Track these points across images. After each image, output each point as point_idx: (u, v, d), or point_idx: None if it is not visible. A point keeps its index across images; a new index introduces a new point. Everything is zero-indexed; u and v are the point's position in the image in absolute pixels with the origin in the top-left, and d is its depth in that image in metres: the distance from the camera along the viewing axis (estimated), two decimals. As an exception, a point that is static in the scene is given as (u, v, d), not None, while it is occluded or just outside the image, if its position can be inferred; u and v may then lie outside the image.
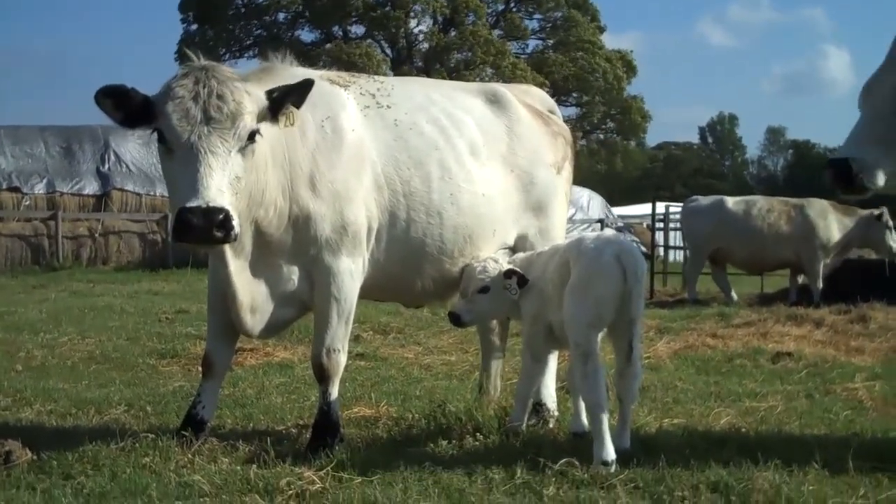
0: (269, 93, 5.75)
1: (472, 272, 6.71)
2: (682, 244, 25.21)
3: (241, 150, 5.51)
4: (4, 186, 29.32)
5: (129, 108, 5.59)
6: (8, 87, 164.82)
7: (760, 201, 19.54)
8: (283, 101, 5.76)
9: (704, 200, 20.18)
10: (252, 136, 5.56)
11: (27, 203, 29.28)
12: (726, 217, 19.05)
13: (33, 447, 5.90)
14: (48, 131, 31.63)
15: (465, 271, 6.81)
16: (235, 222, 5.27)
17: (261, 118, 5.67)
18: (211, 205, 5.19)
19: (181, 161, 5.40)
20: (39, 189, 29.54)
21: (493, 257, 6.84)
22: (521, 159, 7.24)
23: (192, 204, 5.17)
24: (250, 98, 5.61)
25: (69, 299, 17.84)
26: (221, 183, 5.33)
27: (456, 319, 6.76)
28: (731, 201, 19.47)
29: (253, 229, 5.97)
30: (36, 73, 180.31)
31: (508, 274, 6.57)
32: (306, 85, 5.82)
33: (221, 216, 5.19)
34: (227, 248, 5.81)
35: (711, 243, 19.30)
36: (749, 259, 19.38)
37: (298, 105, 5.84)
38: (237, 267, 5.97)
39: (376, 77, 7.18)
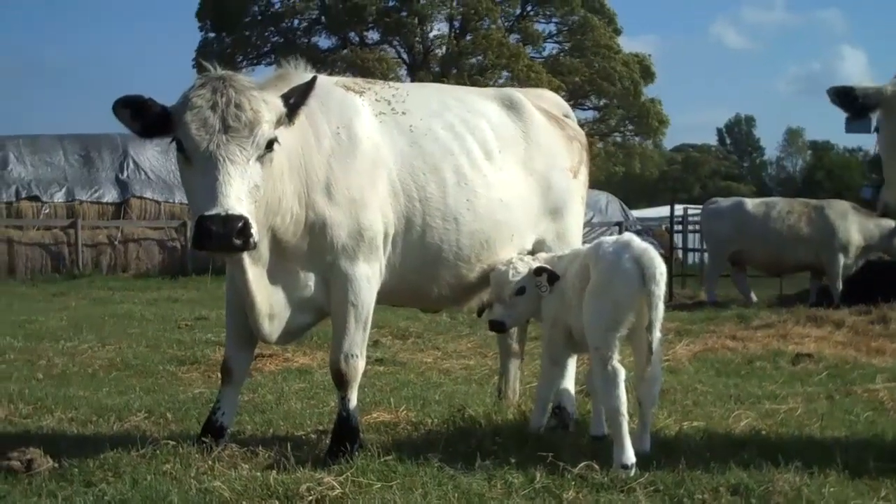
0: (286, 97, 5.78)
1: (505, 276, 6.69)
2: (700, 246, 25.17)
3: (260, 159, 5.53)
4: (24, 195, 29.45)
5: (146, 118, 5.63)
6: (26, 97, 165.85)
7: (780, 203, 19.48)
8: (299, 105, 5.80)
9: (724, 202, 20.14)
10: (270, 145, 5.58)
11: (47, 211, 29.40)
12: (746, 219, 19.00)
13: (55, 455, 5.94)
14: (67, 140, 31.76)
15: (494, 276, 6.78)
16: (254, 230, 5.29)
17: (279, 124, 5.69)
18: (230, 213, 5.22)
19: (200, 170, 5.42)
20: (59, 197, 29.66)
21: (519, 257, 6.83)
22: (537, 164, 7.24)
23: (212, 212, 5.20)
24: (268, 106, 5.63)
25: (89, 307, 17.91)
26: (240, 191, 5.35)
27: (500, 326, 6.78)
28: (750, 203, 19.42)
29: (270, 237, 5.99)
30: (54, 83, 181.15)
31: (538, 271, 6.58)
32: (311, 83, 5.87)
33: (241, 224, 5.21)
34: (246, 256, 5.83)
35: (731, 245, 19.24)
36: (769, 261, 19.31)
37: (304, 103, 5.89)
38: (255, 274, 5.98)
39: (391, 83, 7.19)
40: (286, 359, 10.64)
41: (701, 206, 22.72)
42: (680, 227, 29.62)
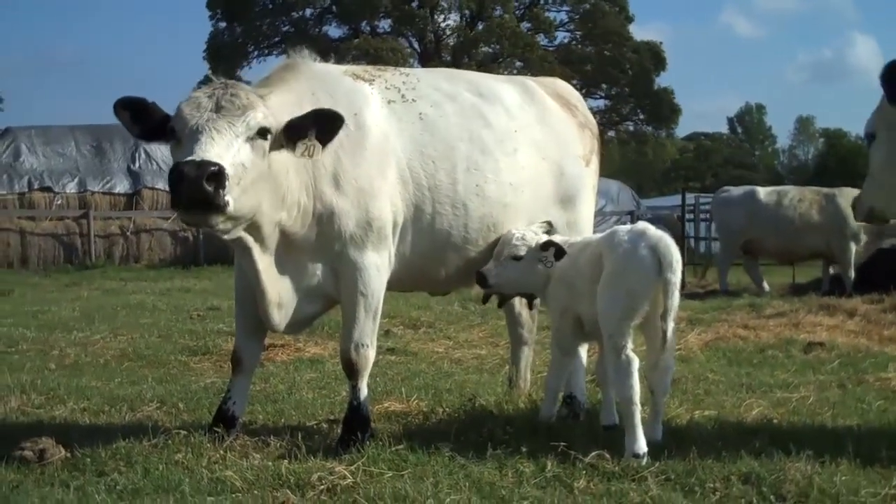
0: (290, 121, 5.76)
1: (510, 238, 6.69)
2: (712, 235, 25.11)
3: (250, 142, 5.50)
4: (36, 186, 29.59)
5: (147, 122, 5.68)
6: (38, 88, 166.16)
7: (792, 191, 19.42)
8: (300, 130, 5.74)
9: (736, 191, 20.07)
10: (263, 133, 5.56)
11: (59, 202, 29.53)
12: (758, 207, 18.93)
13: (67, 445, 5.96)
14: (78, 131, 31.87)
15: (504, 235, 6.78)
16: (230, 189, 5.23)
17: (276, 138, 5.68)
18: (205, 158, 5.20)
19: (186, 143, 5.40)
20: (71, 188, 29.78)
21: (533, 228, 6.81)
22: (550, 150, 7.22)
23: (187, 158, 5.20)
24: (266, 107, 5.66)
25: (102, 297, 17.97)
26: (221, 152, 5.31)
27: (482, 280, 6.73)
28: (762, 191, 19.35)
29: (277, 229, 5.99)
30: (66, 74, 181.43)
31: (546, 245, 6.55)
32: (335, 119, 5.79)
33: (215, 169, 5.15)
34: (254, 246, 5.86)
35: (743, 234, 19.18)
36: (781, 249, 19.24)
37: (324, 141, 5.80)
38: (265, 264, 5.99)
39: (402, 69, 7.16)
40: (298, 349, 10.65)
41: (712, 195, 22.67)
42: (692, 216, 29.60)
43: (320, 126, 5.75)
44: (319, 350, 10.67)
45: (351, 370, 6.31)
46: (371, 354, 6.37)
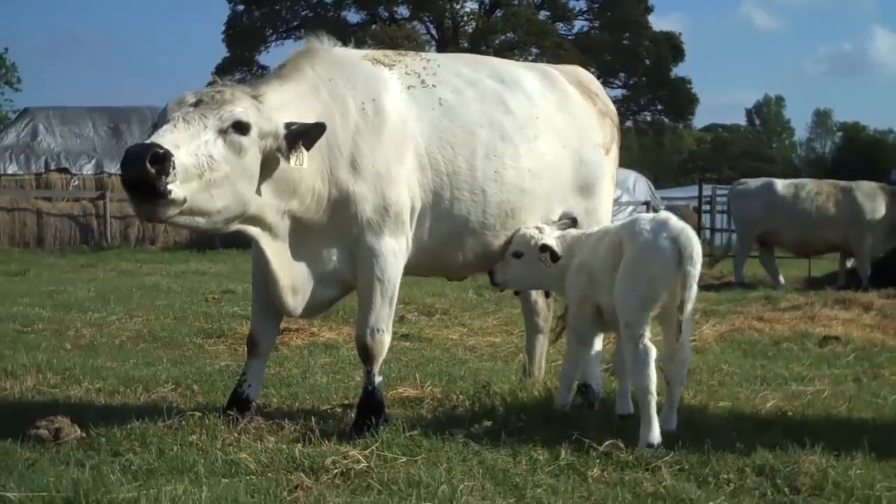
0: (288, 125, 5.75)
1: (513, 236, 6.80)
2: (728, 227, 25.00)
3: (223, 135, 5.48)
4: (53, 167, 29.72)
5: None
6: (56, 69, 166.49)
7: (809, 184, 19.30)
8: (296, 139, 5.74)
9: (753, 183, 19.95)
10: (241, 128, 5.53)
11: (76, 183, 29.65)
12: (775, 200, 18.84)
13: (82, 424, 5.99)
14: (96, 112, 31.99)
15: (516, 233, 6.85)
16: (182, 178, 5.20)
17: (268, 138, 5.67)
18: (154, 141, 5.20)
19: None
20: (88, 169, 29.90)
21: (539, 227, 6.82)
22: (570, 138, 7.19)
23: (138, 141, 5.23)
24: (255, 109, 5.66)
25: (117, 279, 18.01)
26: (180, 140, 5.29)
27: (490, 276, 6.89)
28: (780, 184, 19.23)
29: (289, 217, 6.02)
30: (84, 56, 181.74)
31: (543, 248, 6.59)
32: (320, 128, 5.80)
33: (160, 151, 5.12)
34: (262, 234, 5.92)
35: (760, 226, 19.09)
36: (798, 242, 19.14)
37: (308, 146, 5.79)
38: (275, 251, 6.02)
39: (423, 55, 7.13)
40: (312, 333, 10.67)
41: (729, 187, 22.56)
42: (708, 208, 29.50)
43: (306, 134, 5.77)
44: (334, 335, 10.68)
45: (366, 355, 6.32)
46: (386, 340, 6.37)
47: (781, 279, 18.73)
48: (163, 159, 5.10)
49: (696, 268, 5.83)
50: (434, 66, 6.85)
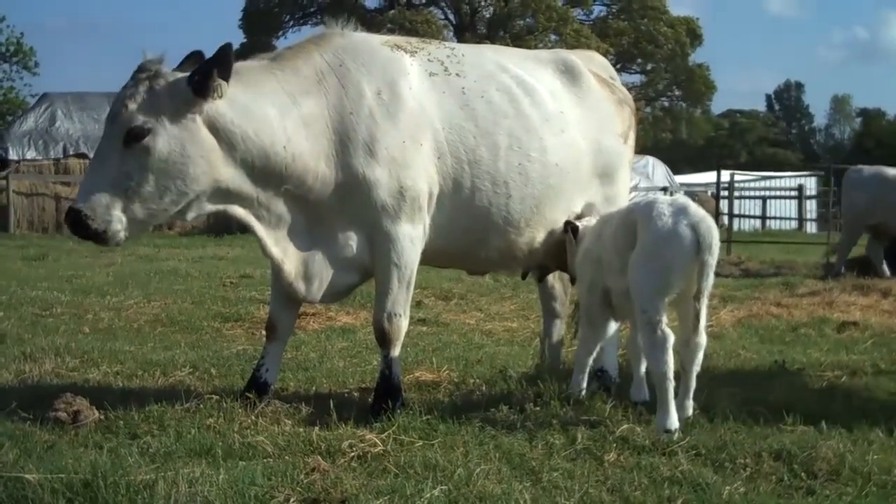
0: (190, 78, 5.73)
1: None
2: (744, 212, 24.64)
3: (126, 145, 5.66)
4: (71, 152, 29.75)
5: None
6: (74, 54, 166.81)
7: None
8: (205, 80, 5.70)
9: (867, 171, 18.46)
10: (136, 135, 5.64)
11: (94, 168, 29.61)
12: (886, 187, 17.61)
13: (101, 407, 6.01)
14: (114, 97, 31.94)
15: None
16: (100, 214, 5.63)
17: (174, 110, 5.71)
18: (73, 203, 5.68)
19: None
20: (106, 155, 29.86)
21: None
22: (591, 129, 7.15)
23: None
24: (143, 99, 5.73)
25: (135, 263, 18.07)
26: (95, 184, 5.69)
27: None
28: (891, 172, 18.17)
29: (287, 200, 6.06)
30: (102, 40, 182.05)
31: (566, 225, 6.86)
32: (224, 52, 5.75)
33: (73, 215, 5.63)
34: (256, 223, 6.02)
35: (870, 217, 17.78)
36: None
37: (226, 76, 5.75)
38: (273, 239, 6.08)
39: (447, 43, 7.12)
40: (329, 318, 10.70)
41: (748, 173, 22.15)
42: (726, 194, 29.39)
43: (217, 66, 5.72)
44: (351, 319, 10.71)
45: (383, 339, 6.34)
46: (403, 324, 6.38)
47: (886, 270, 17.46)
48: (78, 215, 5.61)
49: (714, 258, 5.78)
50: (458, 55, 6.82)
